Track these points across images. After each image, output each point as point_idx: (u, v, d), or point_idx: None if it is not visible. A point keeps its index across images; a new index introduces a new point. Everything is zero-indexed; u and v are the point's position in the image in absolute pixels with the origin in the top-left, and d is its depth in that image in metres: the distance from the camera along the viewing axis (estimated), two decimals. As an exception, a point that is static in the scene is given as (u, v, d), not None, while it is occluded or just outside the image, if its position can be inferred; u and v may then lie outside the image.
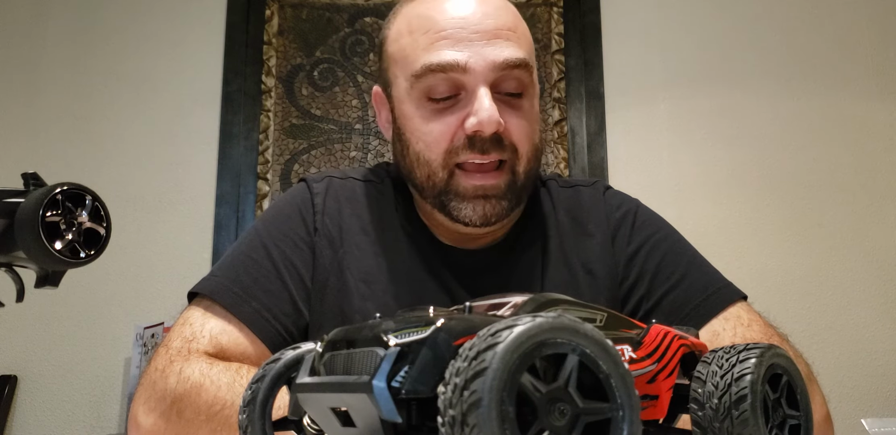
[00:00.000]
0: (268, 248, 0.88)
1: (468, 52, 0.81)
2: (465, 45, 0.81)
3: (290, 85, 2.26)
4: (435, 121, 0.83)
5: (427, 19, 0.84)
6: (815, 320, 2.13)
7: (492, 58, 0.81)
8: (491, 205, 0.83)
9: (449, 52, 0.81)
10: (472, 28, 0.82)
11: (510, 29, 0.84)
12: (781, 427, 0.39)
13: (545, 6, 2.33)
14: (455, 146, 0.82)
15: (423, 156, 0.84)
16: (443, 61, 0.81)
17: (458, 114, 0.82)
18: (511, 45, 0.83)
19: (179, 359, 0.77)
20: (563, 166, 2.22)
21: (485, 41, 0.82)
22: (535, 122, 0.87)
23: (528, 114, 0.85)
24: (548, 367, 0.31)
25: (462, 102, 0.82)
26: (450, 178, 0.83)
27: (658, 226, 0.95)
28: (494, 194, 0.83)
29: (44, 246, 0.43)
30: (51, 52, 2.26)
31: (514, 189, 0.84)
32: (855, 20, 2.33)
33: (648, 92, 2.28)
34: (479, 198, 0.83)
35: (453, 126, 0.82)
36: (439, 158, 0.83)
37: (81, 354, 2.06)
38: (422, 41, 0.83)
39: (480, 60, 0.81)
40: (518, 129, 0.83)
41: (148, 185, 2.17)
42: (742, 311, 0.86)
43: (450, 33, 0.82)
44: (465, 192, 0.83)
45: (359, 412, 0.34)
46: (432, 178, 0.84)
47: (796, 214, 2.20)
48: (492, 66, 0.81)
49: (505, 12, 0.86)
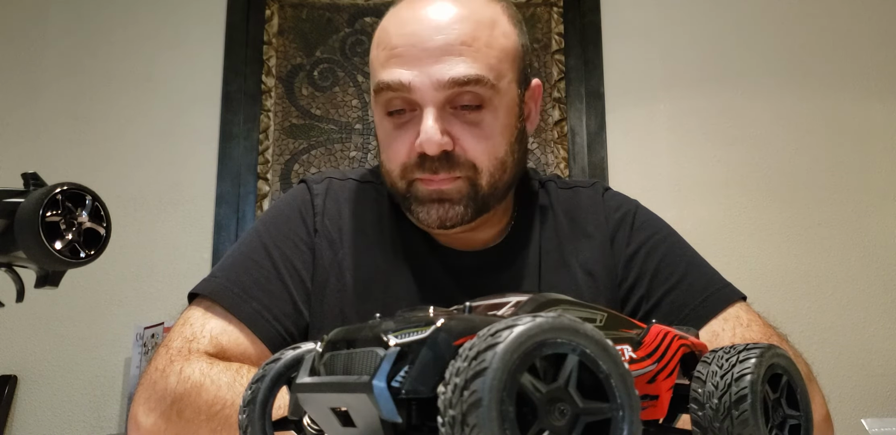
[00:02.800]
0: (268, 249, 0.88)
1: (415, 71, 0.80)
2: (413, 64, 0.80)
3: (290, 85, 2.26)
4: (393, 136, 0.84)
5: (385, 34, 0.84)
6: (815, 320, 2.13)
7: (437, 77, 0.79)
8: (445, 209, 0.83)
9: (396, 71, 0.80)
10: (421, 46, 0.80)
11: (464, 43, 0.81)
12: (781, 427, 0.39)
13: (545, 6, 2.33)
14: (410, 163, 0.83)
15: (386, 166, 0.87)
16: (391, 80, 0.81)
17: (411, 130, 0.82)
18: (463, 60, 0.80)
19: (180, 358, 0.77)
20: (563, 166, 2.22)
21: (434, 59, 0.80)
22: (500, 132, 0.84)
23: (490, 127, 0.83)
24: (548, 367, 0.31)
25: (416, 120, 0.82)
26: (408, 187, 0.84)
27: (657, 227, 0.95)
28: (450, 198, 0.83)
29: (44, 246, 0.43)
30: (51, 52, 2.26)
31: (473, 197, 0.83)
32: (855, 20, 2.33)
33: (648, 92, 2.28)
34: (434, 202, 0.83)
35: (408, 142, 0.82)
36: (398, 170, 0.84)
37: (81, 354, 2.06)
38: (380, 57, 0.83)
39: (426, 79, 0.79)
40: (475, 146, 0.82)
41: (148, 186, 2.17)
42: (741, 311, 0.86)
43: (400, 51, 0.81)
44: (422, 196, 0.84)
45: (359, 412, 0.34)
46: (394, 186, 0.86)
47: (796, 214, 2.20)
48: (437, 85, 0.79)
49: (462, 25, 0.81)
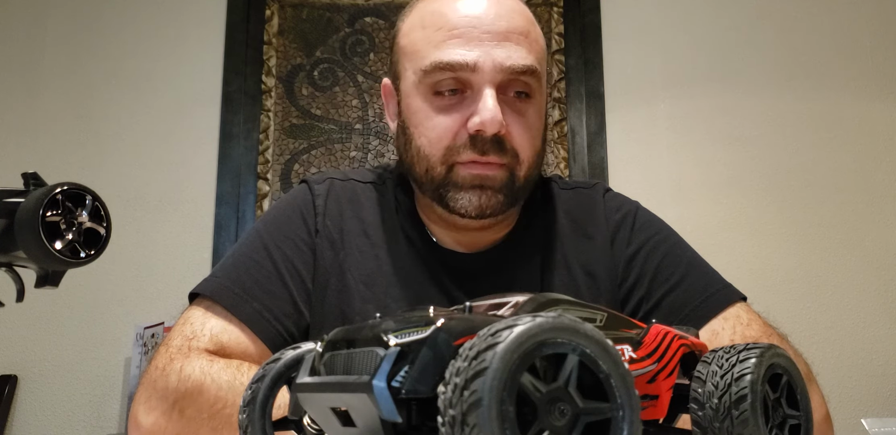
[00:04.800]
0: (269, 249, 0.88)
1: (478, 52, 0.81)
2: (475, 45, 0.81)
3: (291, 85, 2.26)
4: (439, 116, 0.83)
5: (440, 16, 0.85)
6: (815, 320, 2.13)
7: (500, 60, 0.81)
8: (487, 196, 0.83)
9: (459, 51, 0.81)
10: (484, 28, 0.82)
11: (521, 33, 0.84)
12: (781, 427, 0.39)
13: (545, 6, 2.33)
14: (457, 145, 0.82)
15: (424, 151, 0.84)
16: (452, 60, 0.81)
17: (462, 111, 0.82)
18: (521, 49, 0.82)
19: (180, 357, 0.77)
20: (563, 166, 2.22)
21: (495, 42, 0.81)
22: (539, 128, 0.86)
23: (533, 120, 0.85)
24: (548, 367, 0.31)
25: (468, 101, 0.82)
26: (448, 172, 0.83)
27: (657, 227, 0.95)
28: (491, 186, 0.83)
29: (44, 246, 0.43)
30: (51, 52, 2.26)
31: (511, 187, 0.84)
32: (855, 20, 2.32)
33: (648, 92, 2.28)
34: (476, 188, 0.82)
35: (457, 123, 0.82)
36: (439, 154, 0.83)
37: (81, 353, 2.06)
38: (433, 37, 0.83)
39: (489, 61, 0.81)
40: (521, 134, 0.83)
41: (148, 186, 2.17)
42: (741, 311, 0.86)
43: (461, 32, 0.82)
44: (463, 181, 0.83)
45: (359, 412, 0.34)
46: (430, 172, 0.84)
47: (796, 214, 2.20)
48: (499, 69, 0.81)
49: (518, 16, 0.85)
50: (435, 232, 0.92)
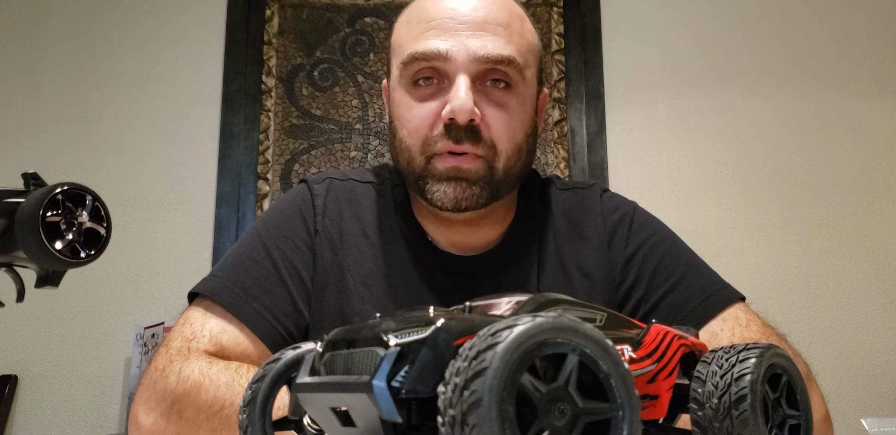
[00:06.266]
0: (268, 249, 0.88)
1: (452, 42, 0.82)
2: (450, 35, 0.82)
3: (291, 85, 2.26)
4: (418, 107, 0.84)
5: (422, 10, 0.87)
6: (815, 320, 2.13)
7: (474, 49, 0.82)
8: (462, 188, 0.83)
9: (433, 42, 0.82)
10: (460, 18, 0.83)
11: (500, 24, 0.84)
12: (781, 427, 0.39)
13: (545, 6, 2.33)
14: (433, 134, 0.83)
15: (405, 142, 0.86)
16: (426, 50, 0.82)
17: (438, 101, 0.83)
18: (498, 39, 0.83)
19: (179, 358, 0.77)
20: (563, 166, 2.22)
21: (470, 32, 0.82)
22: (522, 120, 0.86)
23: (514, 110, 0.85)
24: (548, 367, 0.31)
25: (444, 90, 0.83)
26: (427, 164, 0.84)
27: (655, 228, 0.95)
28: (467, 178, 0.83)
29: (44, 246, 0.43)
30: (51, 52, 2.26)
31: (489, 180, 0.84)
32: (855, 20, 2.33)
33: (648, 92, 2.28)
34: (451, 179, 0.83)
35: (433, 114, 0.83)
36: (418, 144, 0.84)
37: (81, 354, 2.06)
38: (414, 30, 0.85)
39: (463, 50, 0.82)
40: (498, 124, 0.83)
41: (148, 185, 2.17)
42: (740, 311, 0.85)
43: (438, 23, 0.83)
44: (439, 173, 0.83)
45: (359, 412, 0.34)
46: (411, 164, 0.85)
47: (796, 214, 2.20)
48: (472, 57, 0.82)
49: (499, 8, 0.86)
50: (430, 230, 0.92)
